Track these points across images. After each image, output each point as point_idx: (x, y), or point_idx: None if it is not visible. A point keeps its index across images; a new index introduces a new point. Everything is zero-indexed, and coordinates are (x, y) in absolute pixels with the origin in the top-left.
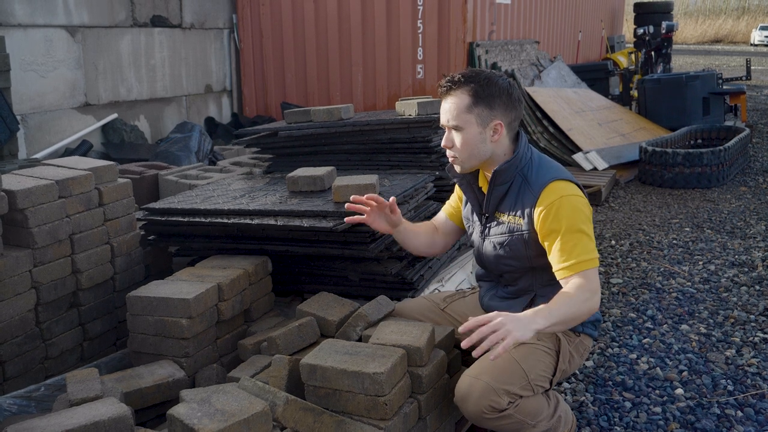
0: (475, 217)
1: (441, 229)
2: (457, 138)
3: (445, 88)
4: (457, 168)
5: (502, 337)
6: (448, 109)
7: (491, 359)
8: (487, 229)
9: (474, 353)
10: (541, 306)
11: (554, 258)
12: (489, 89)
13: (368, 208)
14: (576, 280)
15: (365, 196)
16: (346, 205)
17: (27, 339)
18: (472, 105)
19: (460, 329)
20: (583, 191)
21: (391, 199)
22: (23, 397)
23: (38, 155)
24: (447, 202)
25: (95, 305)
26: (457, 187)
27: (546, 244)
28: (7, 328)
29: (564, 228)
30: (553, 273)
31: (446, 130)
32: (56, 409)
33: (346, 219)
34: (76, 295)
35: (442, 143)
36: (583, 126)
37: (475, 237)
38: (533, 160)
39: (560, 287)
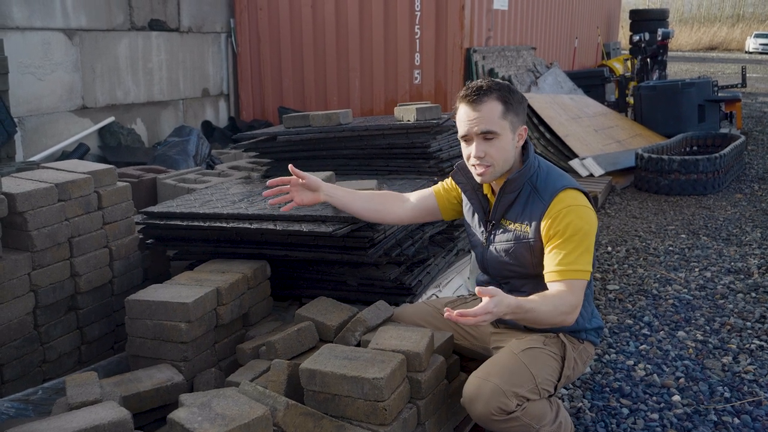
0: (478, 224)
1: (418, 202)
2: (490, 146)
3: (474, 97)
4: (488, 178)
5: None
6: (482, 116)
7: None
8: (492, 236)
9: (446, 315)
10: (522, 300)
11: (548, 260)
12: (514, 96)
13: (288, 187)
14: (561, 287)
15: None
16: (265, 193)
17: (25, 342)
18: (505, 111)
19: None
20: (591, 201)
21: (290, 166)
22: (21, 401)
23: (35, 158)
24: (440, 184)
25: (93, 308)
26: (452, 183)
27: (546, 248)
28: (6, 331)
29: (566, 236)
30: None
31: (469, 140)
32: (55, 413)
33: (270, 202)
34: (75, 299)
35: (475, 154)
36: (579, 132)
37: (478, 243)
38: (541, 168)
39: None
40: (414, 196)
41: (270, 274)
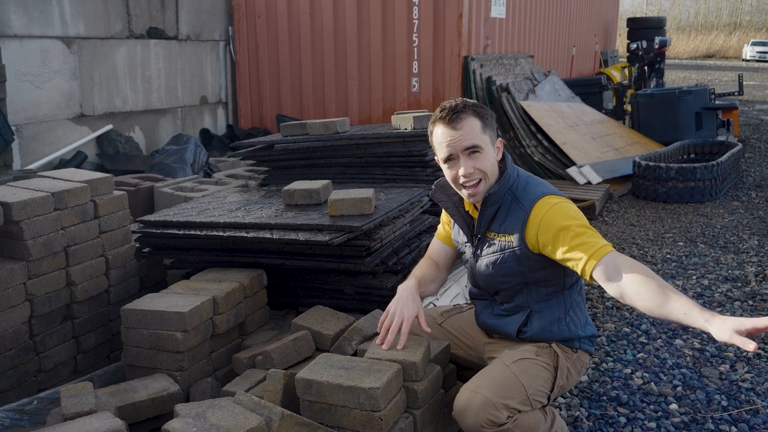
0: (465, 239)
1: (441, 258)
2: (477, 162)
3: (452, 116)
4: (480, 196)
5: None
6: (465, 134)
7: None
8: (479, 250)
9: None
10: (685, 298)
11: (574, 257)
12: (487, 111)
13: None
14: (621, 260)
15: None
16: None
17: (20, 352)
18: (483, 126)
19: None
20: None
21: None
22: (16, 411)
23: (32, 166)
24: (438, 229)
25: (89, 318)
26: (442, 218)
27: (556, 252)
28: (1, 341)
29: (570, 229)
30: (547, 288)
31: (454, 159)
32: (50, 423)
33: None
34: (71, 308)
35: (464, 171)
36: (577, 140)
37: (468, 258)
38: (520, 178)
39: (555, 302)
40: (435, 256)
41: (267, 283)
